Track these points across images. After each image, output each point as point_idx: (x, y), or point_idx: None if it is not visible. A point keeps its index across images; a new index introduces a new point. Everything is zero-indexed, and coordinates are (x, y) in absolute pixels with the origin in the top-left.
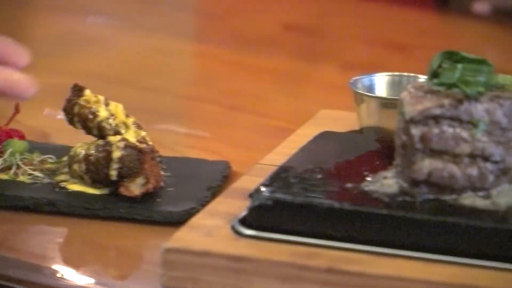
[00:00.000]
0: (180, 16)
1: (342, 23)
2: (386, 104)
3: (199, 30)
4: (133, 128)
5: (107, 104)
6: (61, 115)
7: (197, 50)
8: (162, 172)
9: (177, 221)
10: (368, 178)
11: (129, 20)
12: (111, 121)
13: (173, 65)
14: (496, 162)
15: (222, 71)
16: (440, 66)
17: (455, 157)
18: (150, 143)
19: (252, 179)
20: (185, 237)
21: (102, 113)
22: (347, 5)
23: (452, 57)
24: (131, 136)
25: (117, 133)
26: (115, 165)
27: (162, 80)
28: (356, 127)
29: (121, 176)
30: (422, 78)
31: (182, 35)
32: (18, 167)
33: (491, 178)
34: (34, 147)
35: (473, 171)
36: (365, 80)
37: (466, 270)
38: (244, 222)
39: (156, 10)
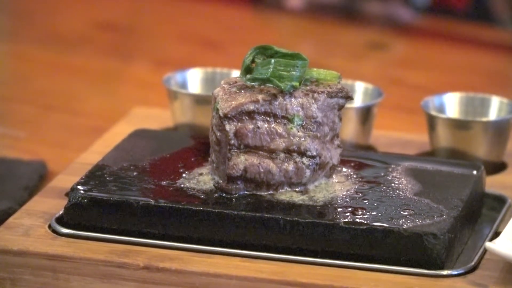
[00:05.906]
0: None
1: (154, 20)
2: (200, 100)
3: (11, 29)
4: None
5: None
6: None
7: (9, 49)
8: None
9: None
10: (184, 175)
11: None
12: None
13: None
14: (312, 157)
15: (35, 71)
16: (253, 61)
17: (271, 153)
18: None
19: (68, 178)
20: (2, 237)
21: None
22: (159, 2)
23: (266, 52)
24: None
25: None
26: None
27: None
28: (170, 124)
29: None
30: (236, 73)
31: None
32: None
33: (307, 173)
34: None
35: (290, 166)
36: (179, 76)
37: (284, 266)
38: (61, 221)
39: None
